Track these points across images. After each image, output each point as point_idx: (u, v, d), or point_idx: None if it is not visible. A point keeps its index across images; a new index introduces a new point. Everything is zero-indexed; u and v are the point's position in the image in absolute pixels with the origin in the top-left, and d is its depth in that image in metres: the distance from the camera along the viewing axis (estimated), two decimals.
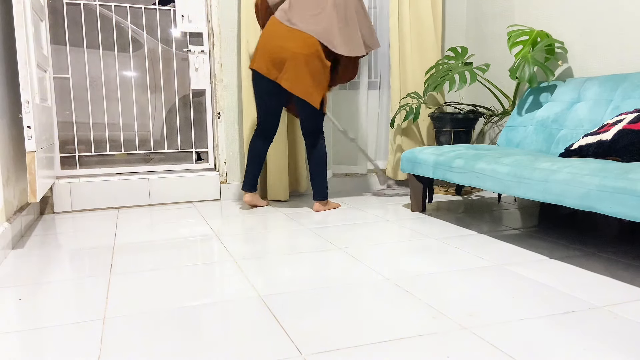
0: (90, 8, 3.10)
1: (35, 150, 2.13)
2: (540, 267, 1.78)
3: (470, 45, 3.61)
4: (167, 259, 1.96)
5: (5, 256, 2.02)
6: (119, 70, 3.20)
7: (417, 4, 3.37)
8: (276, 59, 2.55)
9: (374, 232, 2.33)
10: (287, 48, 2.53)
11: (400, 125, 3.41)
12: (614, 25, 2.52)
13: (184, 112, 3.37)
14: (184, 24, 3.15)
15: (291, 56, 2.52)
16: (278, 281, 1.68)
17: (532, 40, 2.75)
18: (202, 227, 2.48)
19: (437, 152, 2.54)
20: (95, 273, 1.80)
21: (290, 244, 2.14)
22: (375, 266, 1.82)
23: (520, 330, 1.28)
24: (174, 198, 3.15)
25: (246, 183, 2.87)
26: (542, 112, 2.69)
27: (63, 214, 2.89)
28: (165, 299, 1.54)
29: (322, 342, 1.23)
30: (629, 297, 1.50)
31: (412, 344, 1.21)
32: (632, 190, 1.52)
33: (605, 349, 1.17)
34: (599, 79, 2.50)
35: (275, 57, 2.55)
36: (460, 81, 2.89)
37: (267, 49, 2.58)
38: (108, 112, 3.20)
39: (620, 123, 2.00)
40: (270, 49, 2.57)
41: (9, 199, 2.23)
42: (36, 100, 2.23)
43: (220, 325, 1.34)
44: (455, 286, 1.61)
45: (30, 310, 1.46)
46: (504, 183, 2.04)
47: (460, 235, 2.24)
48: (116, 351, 1.20)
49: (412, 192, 2.78)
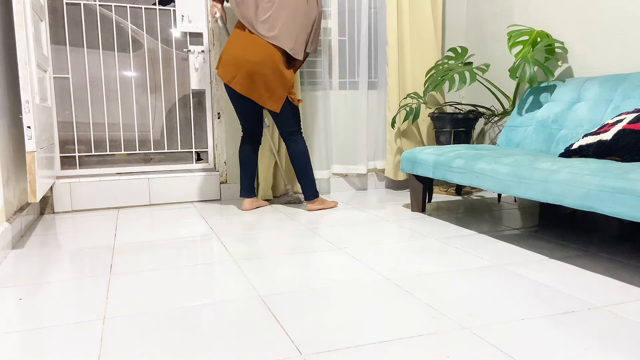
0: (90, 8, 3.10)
1: (35, 150, 2.13)
2: (540, 267, 1.78)
3: (470, 45, 3.61)
4: (167, 259, 1.96)
5: (5, 256, 2.02)
6: (119, 70, 3.20)
7: (417, 4, 3.37)
8: (232, 65, 2.59)
9: (374, 232, 2.33)
10: (242, 56, 2.56)
11: (400, 126, 3.41)
12: (614, 25, 2.52)
13: (184, 112, 3.37)
14: (184, 24, 3.15)
15: (247, 64, 2.56)
16: (278, 281, 1.68)
17: (532, 40, 2.75)
18: (202, 227, 2.48)
19: (437, 152, 2.54)
20: (95, 273, 1.80)
21: (290, 244, 2.14)
22: (375, 266, 1.82)
23: (520, 330, 1.28)
24: (174, 198, 3.15)
25: (243, 189, 2.88)
26: (542, 112, 2.69)
27: (63, 214, 2.89)
28: (165, 299, 1.54)
29: (322, 342, 1.23)
30: (629, 297, 1.50)
31: (412, 344, 1.21)
32: (632, 190, 1.52)
33: (605, 349, 1.17)
34: (599, 79, 2.50)
35: (232, 63, 2.59)
36: (460, 81, 2.89)
37: (227, 57, 2.62)
38: (108, 112, 3.20)
39: (620, 123, 2.00)
40: (227, 56, 2.61)
41: (9, 199, 2.23)
42: (36, 100, 2.23)
43: (220, 325, 1.34)
44: (455, 286, 1.61)
45: (30, 310, 1.46)
46: (504, 183, 2.04)
47: (460, 235, 2.24)
48: (116, 351, 1.20)
49: (412, 192, 2.78)
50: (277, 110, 2.64)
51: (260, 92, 2.60)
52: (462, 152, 2.44)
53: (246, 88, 2.59)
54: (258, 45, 2.56)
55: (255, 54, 2.55)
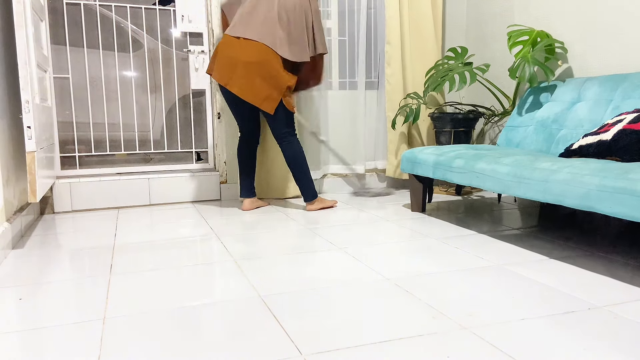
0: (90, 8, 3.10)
1: (35, 150, 2.13)
2: (540, 267, 1.78)
3: (470, 45, 3.61)
4: (167, 259, 1.96)
5: (5, 256, 2.02)
6: (119, 70, 3.20)
7: (417, 5, 3.37)
8: (227, 67, 2.59)
9: (374, 232, 2.33)
10: (236, 57, 2.56)
11: (400, 126, 3.41)
12: (614, 25, 2.52)
13: (184, 112, 3.37)
14: (184, 24, 3.15)
15: (242, 65, 2.56)
16: (278, 281, 1.68)
17: (532, 40, 2.75)
18: (202, 227, 2.48)
19: (437, 152, 2.54)
20: (95, 273, 1.80)
21: (290, 244, 2.14)
22: (375, 266, 1.82)
23: (520, 330, 1.28)
24: (174, 198, 3.15)
25: (243, 189, 2.89)
26: (542, 112, 2.69)
27: (63, 214, 2.89)
28: (165, 299, 1.54)
29: (322, 342, 1.23)
30: (629, 297, 1.50)
31: (412, 344, 1.21)
32: (632, 190, 1.52)
33: (605, 349, 1.17)
34: (599, 79, 2.50)
35: (227, 65, 2.59)
36: (460, 81, 2.89)
37: (219, 58, 2.63)
38: (108, 112, 3.20)
39: (621, 123, 2.00)
40: (222, 58, 2.61)
41: (9, 199, 2.23)
42: (36, 100, 2.23)
43: (220, 325, 1.34)
44: (455, 286, 1.61)
45: (30, 310, 1.46)
46: (504, 183, 2.04)
47: (460, 235, 2.24)
48: (116, 351, 1.20)
49: (412, 192, 2.78)
50: (271, 112, 2.63)
51: (255, 92, 2.59)
52: (462, 152, 2.44)
53: (242, 89, 2.58)
54: (252, 46, 2.56)
55: (249, 55, 2.55)
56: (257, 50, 2.56)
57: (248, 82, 2.57)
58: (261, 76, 2.57)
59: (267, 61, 2.56)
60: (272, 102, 2.62)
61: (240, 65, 2.56)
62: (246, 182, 2.88)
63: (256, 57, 2.55)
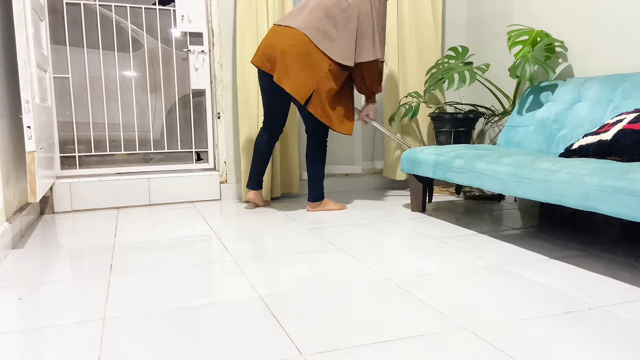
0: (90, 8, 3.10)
1: (35, 150, 2.13)
2: (540, 267, 1.78)
3: (470, 45, 3.61)
4: (167, 259, 1.96)
5: (5, 256, 2.02)
6: (119, 70, 3.20)
7: (417, 4, 3.37)
8: (270, 55, 2.59)
9: (374, 232, 2.33)
10: (276, 45, 2.56)
11: (400, 125, 3.41)
12: (614, 24, 2.52)
13: (184, 112, 3.37)
14: (184, 24, 3.15)
15: (280, 53, 2.55)
16: (278, 281, 1.68)
17: (532, 40, 2.75)
18: (202, 227, 2.48)
19: (437, 152, 2.54)
20: (95, 273, 1.80)
21: (291, 244, 2.14)
22: (375, 266, 1.82)
23: (520, 330, 1.28)
24: (174, 198, 3.15)
25: (251, 180, 2.88)
26: (542, 112, 2.69)
27: (63, 214, 2.89)
28: (165, 299, 1.54)
29: (322, 342, 1.23)
30: (629, 297, 1.50)
31: (412, 344, 1.21)
32: (632, 190, 1.52)
33: (605, 349, 1.17)
34: (599, 79, 2.50)
35: (269, 53, 2.60)
36: (460, 81, 2.89)
37: (262, 47, 2.63)
38: (108, 112, 3.20)
39: (621, 123, 1.99)
40: (264, 47, 2.62)
41: (9, 199, 2.23)
42: (36, 100, 2.23)
43: (220, 325, 1.34)
44: (455, 286, 1.61)
45: (30, 310, 1.46)
46: (504, 183, 2.04)
47: (460, 235, 2.24)
48: (116, 351, 1.20)
49: (412, 192, 2.78)
50: (302, 102, 2.58)
51: (291, 77, 2.55)
52: (462, 152, 2.44)
53: (278, 73, 2.55)
54: (292, 34, 2.56)
55: (288, 42, 2.55)
56: (296, 38, 2.54)
57: (286, 70, 2.55)
58: (298, 64, 2.54)
59: (306, 51, 2.54)
60: (304, 91, 2.56)
61: (280, 53, 2.55)
62: (254, 174, 2.87)
63: (295, 44, 2.53)
